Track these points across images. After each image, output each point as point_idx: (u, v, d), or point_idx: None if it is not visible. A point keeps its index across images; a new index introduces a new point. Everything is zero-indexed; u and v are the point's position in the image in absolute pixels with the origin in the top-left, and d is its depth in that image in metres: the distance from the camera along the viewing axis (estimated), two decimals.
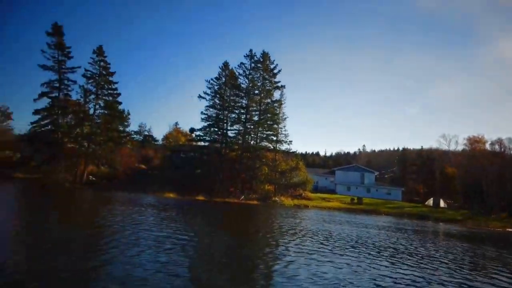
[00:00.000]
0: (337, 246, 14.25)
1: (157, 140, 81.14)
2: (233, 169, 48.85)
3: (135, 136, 69.92)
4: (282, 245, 13.47)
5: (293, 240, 14.94)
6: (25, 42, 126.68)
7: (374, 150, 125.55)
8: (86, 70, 49.19)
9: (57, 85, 48.91)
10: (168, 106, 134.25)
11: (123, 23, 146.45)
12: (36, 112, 48.02)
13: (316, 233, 18.02)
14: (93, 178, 49.41)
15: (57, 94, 48.98)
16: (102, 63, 50.29)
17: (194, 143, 55.36)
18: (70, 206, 24.33)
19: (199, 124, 58.28)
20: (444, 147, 72.56)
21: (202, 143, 53.47)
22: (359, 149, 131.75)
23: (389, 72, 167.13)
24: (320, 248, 13.50)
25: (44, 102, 48.82)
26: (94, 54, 49.94)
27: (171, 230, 14.96)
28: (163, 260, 9.27)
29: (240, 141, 51.59)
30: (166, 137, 78.53)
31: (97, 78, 49.92)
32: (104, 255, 9.20)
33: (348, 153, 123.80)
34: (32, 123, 48.46)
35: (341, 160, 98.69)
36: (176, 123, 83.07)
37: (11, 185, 38.01)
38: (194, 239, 13.81)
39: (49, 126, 49.19)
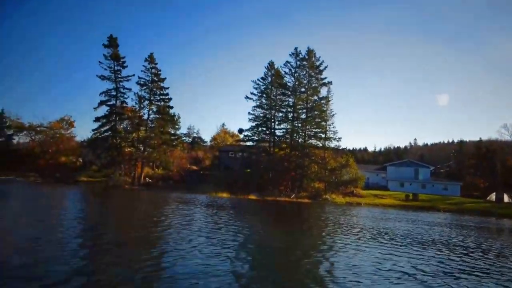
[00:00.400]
0: (403, 244, 13.95)
1: (206, 142, 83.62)
2: (282, 168, 49.06)
3: (185, 138, 72.66)
4: (341, 242, 13.42)
5: (353, 236, 14.86)
6: (82, 55, 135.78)
7: (427, 144, 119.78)
8: (139, 77, 52.14)
9: (114, 93, 52.05)
10: (215, 108, 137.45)
11: (170, 27, 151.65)
12: (96, 119, 51.48)
13: (376, 231, 17.70)
14: (149, 180, 52.08)
15: (114, 102, 52.13)
16: (153, 70, 52.86)
17: (242, 143, 56.21)
18: (135, 206, 25.85)
19: (245, 124, 59.10)
20: (506, 138, 67.76)
21: (250, 143, 54.12)
22: (410, 143, 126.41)
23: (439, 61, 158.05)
24: (384, 245, 13.28)
25: (103, 110, 52.26)
26: (146, 62, 52.66)
27: (235, 228, 15.50)
28: (230, 255, 9.67)
29: (288, 140, 51.70)
30: (213, 138, 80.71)
31: (149, 84, 52.58)
32: (178, 251, 9.72)
33: (399, 147, 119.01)
34: (93, 130, 52.00)
35: (392, 155, 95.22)
36: (223, 124, 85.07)
37: (78, 188, 41.17)
38: (258, 237, 14.22)
39: (108, 132, 52.41)
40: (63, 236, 11.11)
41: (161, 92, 53.67)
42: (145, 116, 53.20)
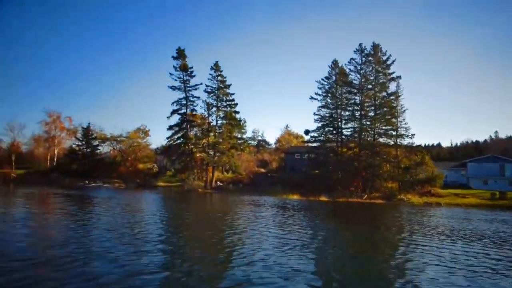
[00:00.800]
0: (499, 244, 12.89)
1: (270, 144, 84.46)
2: (351, 168, 47.86)
3: (250, 142, 74.14)
4: (427, 244, 12.77)
5: (440, 238, 14.06)
6: (151, 68, 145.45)
7: (511, 137, 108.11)
8: (206, 85, 54.52)
9: (184, 102, 55.13)
10: (278, 110, 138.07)
11: (235, 32, 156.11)
12: (169, 128, 54.89)
13: (464, 232, 16.54)
14: (220, 183, 54.01)
15: (185, 110, 55.13)
16: (219, 78, 54.89)
17: (309, 144, 55.82)
18: (216, 208, 27.07)
19: (310, 125, 58.64)
20: None
21: (317, 144, 53.52)
22: (490, 136, 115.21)
23: None
24: (474, 246, 12.39)
25: (175, 118, 55.51)
26: (212, 70, 54.84)
27: (313, 230, 15.62)
28: (314, 257, 9.74)
29: (356, 139, 50.29)
30: (278, 141, 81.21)
31: (216, 91, 54.69)
32: (264, 253, 10.01)
33: (477, 141, 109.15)
34: (167, 137, 55.51)
35: (471, 151, 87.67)
36: (287, 126, 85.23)
37: (158, 192, 44.16)
38: (342, 239, 14.14)
39: (181, 139, 55.52)
40: (172, 236, 12.09)
41: (227, 98, 55.55)
42: (214, 122, 55.47)
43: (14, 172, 63.58)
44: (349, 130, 51.69)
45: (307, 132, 53.24)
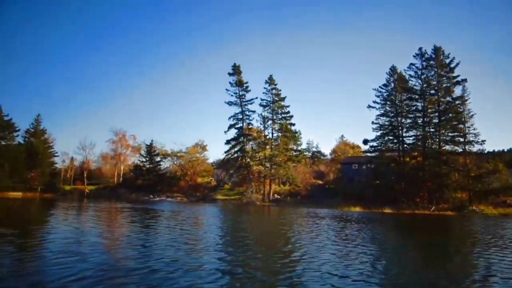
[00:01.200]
0: None
1: (325, 155, 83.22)
2: (415, 178, 45.55)
3: (306, 153, 73.71)
4: None
5: None
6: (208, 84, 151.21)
7: None
8: (261, 99, 55.53)
9: (241, 116, 56.50)
10: (332, 120, 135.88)
11: (287, 45, 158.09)
12: (227, 142, 56.46)
13: None
14: (278, 196, 54.09)
15: (241, 125, 56.45)
16: (274, 91, 55.70)
17: (368, 154, 54.20)
18: (275, 221, 27.00)
19: (366, 134, 56.94)
20: None
21: (376, 153, 51.75)
22: None
23: None
24: None
25: (232, 132, 57.08)
26: (266, 84, 55.80)
27: (382, 243, 15.04)
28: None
29: (420, 147, 47.86)
30: (333, 151, 79.77)
31: (271, 105, 55.40)
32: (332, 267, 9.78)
33: None
34: (225, 152, 57.12)
35: None
36: (342, 136, 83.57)
37: (219, 205, 45.27)
38: (409, 251, 13.42)
39: (238, 153, 56.73)
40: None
41: (283, 110, 56.10)
42: (270, 135, 56.05)
43: (87, 188, 68.72)
44: (411, 138, 49.36)
45: (365, 141, 51.66)
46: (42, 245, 12.12)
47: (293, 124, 56.78)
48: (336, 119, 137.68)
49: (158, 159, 70.85)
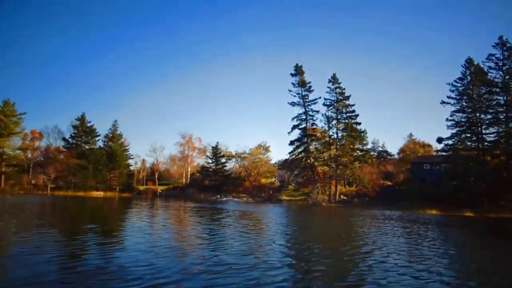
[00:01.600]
0: None
1: (393, 155, 79.47)
2: (499, 179, 41.76)
3: (372, 153, 71.01)
4: None
5: None
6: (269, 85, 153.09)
7: None
8: (325, 99, 54.75)
9: (304, 117, 56.29)
10: (400, 117, 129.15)
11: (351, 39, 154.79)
12: (291, 143, 56.54)
13: None
14: (344, 197, 52.93)
15: (305, 125, 56.17)
16: (337, 90, 54.57)
17: (441, 153, 50.85)
18: (345, 223, 26.30)
19: (438, 132, 53.33)
20: None
21: (451, 152, 48.31)
22: None
23: None
24: None
25: (296, 133, 57.08)
26: (330, 83, 54.86)
27: (472, 249, 14.01)
28: None
29: (503, 145, 43.76)
30: (401, 150, 75.88)
31: (335, 104, 54.38)
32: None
33: None
34: (289, 152, 57.29)
35: None
36: (410, 135, 79.16)
37: (285, 206, 45.45)
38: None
39: (302, 154, 56.54)
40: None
41: (347, 109, 54.70)
42: (334, 135, 55.05)
43: (159, 188, 73.16)
44: (492, 135, 45.30)
45: (440, 140, 48.36)
46: (147, 241, 13.02)
47: (359, 123, 55.20)
48: (403, 117, 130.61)
49: (223, 160, 73.18)
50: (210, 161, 73.83)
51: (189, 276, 7.67)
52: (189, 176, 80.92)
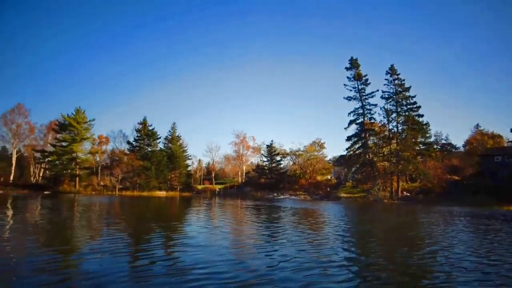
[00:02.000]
0: None
1: (458, 148, 74.20)
2: None
3: (435, 146, 66.83)
4: None
5: None
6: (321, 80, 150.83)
7: None
8: (383, 91, 52.61)
9: (361, 111, 54.48)
10: (465, 108, 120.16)
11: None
12: (348, 138, 55.05)
13: None
14: (407, 193, 50.41)
15: (362, 120, 54.36)
16: (396, 81, 52.11)
17: None
18: (415, 221, 24.79)
19: (508, 122, 48.78)
20: None
21: None
22: None
23: None
24: None
25: (353, 128, 55.48)
26: (388, 75, 52.51)
27: None
28: None
29: None
30: (468, 143, 70.67)
31: (394, 96, 51.96)
32: None
33: None
34: (346, 148, 55.84)
35: None
36: (477, 125, 73.44)
37: (344, 204, 44.26)
38: None
39: (360, 149, 54.80)
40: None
41: (408, 101, 52.03)
42: (394, 129, 52.64)
43: (216, 187, 75.05)
44: None
45: None
46: (215, 238, 13.38)
47: (421, 115, 52.19)
48: (468, 106, 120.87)
49: (278, 158, 73.23)
50: (265, 159, 74.28)
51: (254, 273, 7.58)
52: (244, 175, 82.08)
